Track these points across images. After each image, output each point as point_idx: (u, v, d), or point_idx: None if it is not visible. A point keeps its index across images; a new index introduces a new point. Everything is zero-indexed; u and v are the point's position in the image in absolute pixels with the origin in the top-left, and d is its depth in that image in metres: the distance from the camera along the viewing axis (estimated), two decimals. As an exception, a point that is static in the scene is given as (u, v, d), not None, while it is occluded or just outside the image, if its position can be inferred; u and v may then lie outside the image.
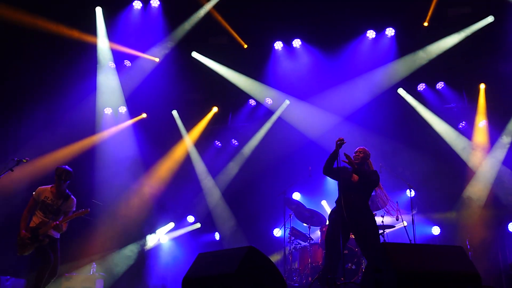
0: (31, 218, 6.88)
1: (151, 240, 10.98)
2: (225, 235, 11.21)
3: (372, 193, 6.49)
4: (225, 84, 11.30)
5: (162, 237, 11.09)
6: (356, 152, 6.39)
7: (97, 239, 10.32)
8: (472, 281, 4.63)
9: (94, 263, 9.03)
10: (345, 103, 10.71)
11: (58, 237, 7.01)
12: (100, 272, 9.08)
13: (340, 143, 6.18)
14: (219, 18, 10.59)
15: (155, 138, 11.49)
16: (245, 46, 10.96)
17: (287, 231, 8.76)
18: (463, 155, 10.35)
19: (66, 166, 7.04)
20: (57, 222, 6.74)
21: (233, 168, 11.57)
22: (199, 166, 11.68)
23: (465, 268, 4.71)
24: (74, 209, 7.03)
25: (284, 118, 11.41)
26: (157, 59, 11.04)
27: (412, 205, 8.25)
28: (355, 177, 6.22)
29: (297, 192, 10.76)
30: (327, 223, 6.61)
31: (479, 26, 10.06)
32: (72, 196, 7.08)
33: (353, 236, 6.34)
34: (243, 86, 11.35)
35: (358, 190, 6.16)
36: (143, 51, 10.95)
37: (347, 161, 6.16)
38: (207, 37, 11.15)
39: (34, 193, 6.93)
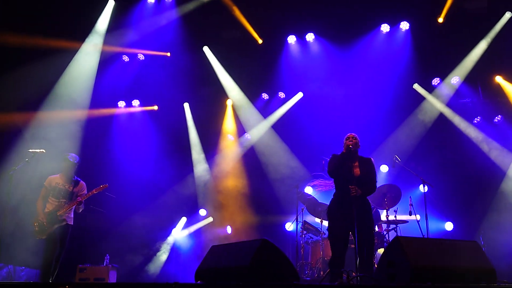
0: (45, 206, 7.16)
1: (168, 235, 11.11)
2: (237, 229, 11.23)
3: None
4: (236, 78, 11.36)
5: (177, 232, 11.16)
6: (350, 138, 6.24)
7: (111, 230, 10.45)
8: (487, 276, 4.58)
9: (107, 254, 9.09)
10: (358, 97, 10.66)
11: (72, 223, 7.26)
12: (113, 263, 9.15)
13: (353, 148, 6.16)
14: (233, 12, 10.56)
15: (165, 131, 11.55)
16: (260, 41, 10.93)
17: (299, 225, 8.76)
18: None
19: (73, 155, 7.41)
20: (79, 199, 7.13)
21: (245, 162, 11.57)
22: (211, 160, 11.71)
23: (481, 263, 4.67)
24: (86, 192, 7.35)
25: (297, 111, 11.39)
26: (168, 54, 11.09)
27: (425, 200, 8.18)
28: (358, 171, 6.16)
29: (309, 186, 10.73)
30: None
31: (498, 27, 9.98)
32: (81, 181, 7.43)
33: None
34: (255, 80, 11.37)
35: (359, 182, 6.08)
36: (156, 46, 10.98)
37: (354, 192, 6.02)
38: (221, 31, 11.13)
39: (45, 182, 7.24)
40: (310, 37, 10.86)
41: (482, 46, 10.14)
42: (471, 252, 4.76)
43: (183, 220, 11.34)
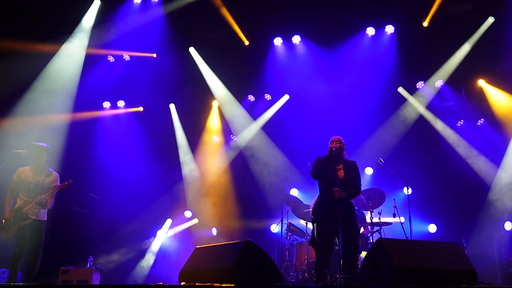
0: (16, 202, 6.79)
1: (153, 237, 11.04)
2: (223, 231, 11.22)
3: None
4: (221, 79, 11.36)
5: (162, 234, 11.12)
6: (335, 141, 6.27)
7: (95, 232, 10.37)
8: (468, 278, 4.63)
9: (91, 256, 9.01)
10: (344, 99, 10.72)
11: (45, 219, 6.87)
12: (97, 265, 9.07)
13: (336, 151, 6.18)
14: (220, 13, 10.53)
15: (151, 132, 11.49)
16: (247, 42, 10.95)
17: (284, 227, 8.78)
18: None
19: (42, 143, 6.99)
20: (41, 196, 6.67)
21: (231, 163, 11.56)
22: (197, 161, 11.67)
23: (462, 265, 4.72)
24: (59, 184, 6.94)
25: (283, 113, 11.41)
26: (154, 55, 11.06)
27: (409, 202, 8.25)
28: (341, 173, 6.20)
29: (295, 188, 10.77)
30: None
31: (481, 31, 10.12)
32: (54, 172, 7.02)
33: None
34: (241, 81, 11.39)
35: (343, 185, 6.13)
36: (142, 46, 10.92)
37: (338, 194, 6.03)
38: (207, 32, 11.12)
39: (14, 175, 6.85)
40: (296, 39, 10.91)
41: (465, 50, 10.28)
42: (453, 254, 4.82)
43: (169, 221, 11.29)
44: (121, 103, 11.51)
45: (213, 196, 11.44)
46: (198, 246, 5.42)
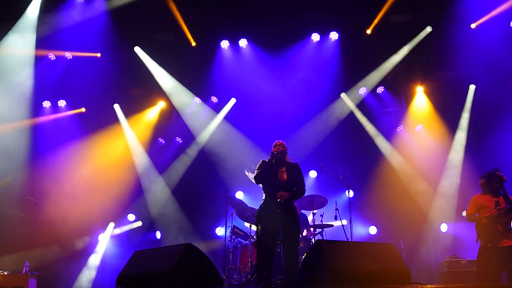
0: None
1: (96, 241, 10.75)
2: (167, 234, 11.08)
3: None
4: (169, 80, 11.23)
5: (104, 238, 10.86)
6: (277, 145, 6.34)
7: (31, 236, 9.98)
8: (402, 277, 4.80)
9: (27, 261, 8.67)
10: (288, 104, 10.85)
11: None
12: (33, 270, 8.74)
13: (278, 155, 6.25)
14: (167, 13, 10.41)
15: (95, 132, 11.19)
16: (194, 43, 10.89)
17: (229, 230, 8.79)
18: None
19: None
20: None
21: (176, 166, 11.45)
22: (141, 163, 11.47)
23: (396, 265, 4.88)
24: None
25: (229, 116, 11.42)
26: (98, 54, 10.81)
27: (350, 205, 8.45)
28: (284, 176, 6.29)
29: (240, 191, 10.79)
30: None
31: (419, 38, 10.51)
32: None
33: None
34: (188, 83, 11.31)
35: (286, 188, 6.20)
36: (85, 45, 10.64)
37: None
38: (153, 32, 10.98)
39: None
40: (243, 42, 10.95)
41: (405, 58, 10.65)
42: (388, 255, 4.96)
43: (111, 225, 11.04)
44: (62, 103, 11.16)
45: (157, 198, 11.29)
46: (137, 250, 5.32)
